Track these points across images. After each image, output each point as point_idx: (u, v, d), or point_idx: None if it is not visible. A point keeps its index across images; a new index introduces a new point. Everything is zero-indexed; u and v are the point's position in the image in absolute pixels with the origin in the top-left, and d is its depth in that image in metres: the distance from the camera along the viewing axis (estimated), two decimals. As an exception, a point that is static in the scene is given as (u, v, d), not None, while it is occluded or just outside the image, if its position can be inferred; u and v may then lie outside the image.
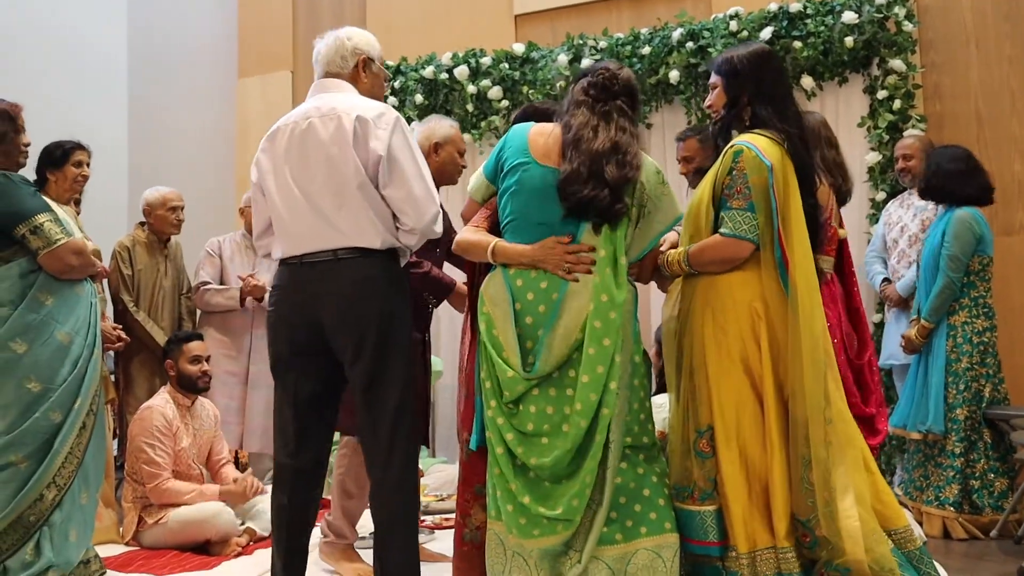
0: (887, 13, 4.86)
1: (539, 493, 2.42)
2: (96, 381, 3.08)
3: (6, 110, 3.08)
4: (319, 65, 2.84)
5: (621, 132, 2.50)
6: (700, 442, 2.53)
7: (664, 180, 2.56)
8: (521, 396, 2.46)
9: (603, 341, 2.38)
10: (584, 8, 5.94)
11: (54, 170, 3.92)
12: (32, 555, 2.88)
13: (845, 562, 2.39)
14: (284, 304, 2.69)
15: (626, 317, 2.43)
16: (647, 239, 2.58)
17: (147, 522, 3.87)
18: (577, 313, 2.42)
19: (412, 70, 6.05)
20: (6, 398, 2.88)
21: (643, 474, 2.45)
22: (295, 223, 2.66)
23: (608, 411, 2.37)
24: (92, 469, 3.07)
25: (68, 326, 3.00)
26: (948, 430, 3.89)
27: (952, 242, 3.92)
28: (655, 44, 5.34)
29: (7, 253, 2.97)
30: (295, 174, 2.67)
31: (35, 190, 3.10)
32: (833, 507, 2.39)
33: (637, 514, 2.41)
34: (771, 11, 5.10)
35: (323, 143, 2.64)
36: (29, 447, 2.89)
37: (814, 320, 2.46)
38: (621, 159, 2.45)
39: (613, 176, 2.42)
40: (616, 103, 2.55)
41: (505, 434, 2.46)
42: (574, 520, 2.37)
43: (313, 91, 2.81)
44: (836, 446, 2.44)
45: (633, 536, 2.40)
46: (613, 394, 2.37)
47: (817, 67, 5.03)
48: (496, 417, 2.48)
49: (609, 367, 2.38)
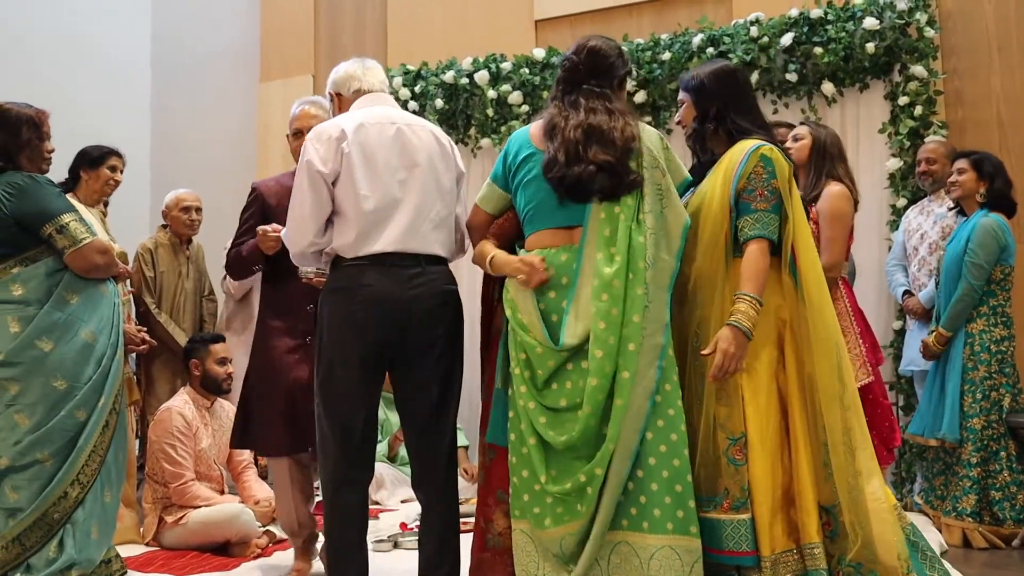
0: (909, 19, 4.83)
1: (563, 472, 2.43)
2: (119, 380, 3.12)
3: (32, 116, 3.11)
4: (371, 78, 2.89)
5: (592, 113, 2.52)
6: (732, 449, 2.51)
7: (668, 147, 2.59)
8: (553, 373, 2.46)
9: (611, 311, 2.40)
10: (604, 13, 5.94)
11: (89, 169, 4.00)
12: (55, 552, 2.91)
13: (857, 558, 2.43)
14: (370, 304, 2.62)
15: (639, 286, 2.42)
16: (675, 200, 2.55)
17: (167, 522, 3.91)
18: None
19: (432, 75, 6.07)
20: (33, 396, 2.92)
21: (679, 466, 2.41)
22: (385, 222, 2.65)
23: (629, 374, 2.37)
24: (115, 468, 3.10)
25: (92, 325, 3.04)
26: (964, 439, 3.85)
27: (977, 250, 3.89)
28: (675, 50, 5.34)
29: (34, 252, 3.01)
30: (391, 174, 2.68)
31: (60, 191, 3.15)
32: (859, 492, 2.43)
33: (667, 506, 2.38)
34: (792, 17, 5.08)
35: (420, 150, 2.74)
36: (54, 445, 2.93)
37: (823, 310, 2.54)
38: (604, 137, 2.48)
39: (599, 157, 2.45)
40: (583, 88, 2.58)
41: (537, 418, 2.45)
42: (595, 491, 2.36)
43: (371, 101, 2.83)
44: (857, 430, 2.47)
45: (658, 529, 2.37)
46: (634, 356, 2.37)
47: (838, 73, 5.01)
48: (528, 402, 2.47)
49: (621, 328, 2.39)
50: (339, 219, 2.67)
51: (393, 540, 3.84)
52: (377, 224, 2.64)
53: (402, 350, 2.67)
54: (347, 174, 2.64)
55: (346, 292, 2.64)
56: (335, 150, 2.65)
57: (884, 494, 2.46)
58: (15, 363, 2.92)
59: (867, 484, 2.43)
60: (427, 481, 2.78)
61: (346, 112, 2.81)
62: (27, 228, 2.97)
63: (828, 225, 3.44)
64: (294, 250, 2.74)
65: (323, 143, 2.66)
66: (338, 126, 2.68)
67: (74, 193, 3.96)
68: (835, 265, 3.43)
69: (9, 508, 2.90)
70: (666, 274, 2.46)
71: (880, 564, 2.41)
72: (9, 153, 3.06)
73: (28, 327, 2.94)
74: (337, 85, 2.91)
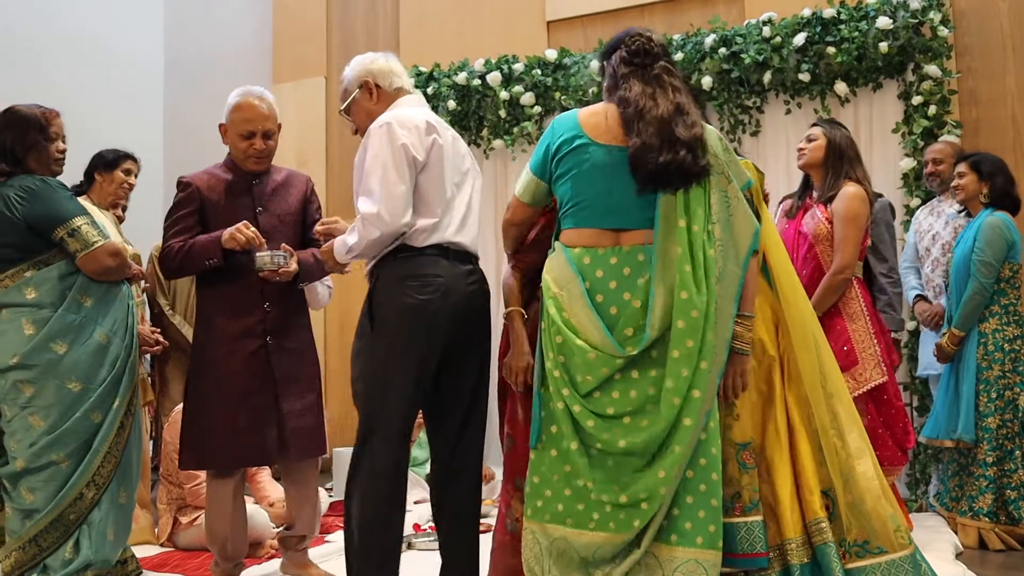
0: (922, 18, 4.81)
1: (619, 482, 2.35)
2: (134, 382, 3.13)
3: (37, 117, 3.09)
4: (407, 79, 2.91)
5: (677, 92, 2.43)
6: (743, 454, 2.54)
7: (728, 148, 2.47)
8: (607, 379, 2.36)
9: (691, 313, 2.28)
10: (616, 14, 5.94)
11: (103, 172, 4.01)
12: (71, 553, 2.93)
13: (860, 536, 2.51)
14: (442, 295, 2.63)
15: (712, 303, 2.33)
16: (743, 207, 2.44)
17: (182, 523, 3.93)
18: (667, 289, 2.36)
19: (445, 76, 6.08)
20: (48, 398, 2.94)
21: (716, 480, 2.35)
22: (448, 217, 2.70)
23: (700, 393, 2.29)
24: (130, 469, 3.11)
25: (106, 327, 3.05)
26: (979, 439, 3.84)
27: (985, 248, 3.88)
28: (688, 50, 5.33)
29: (46, 256, 3.02)
30: (453, 174, 2.75)
31: (72, 194, 3.15)
32: (850, 471, 2.52)
33: (700, 520, 2.33)
34: (804, 16, 5.07)
35: (467, 158, 2.85)
36: (70, 446, 2.94)
37: (797, 302, 2.64)
38: (687, 119, 2.38)
39: (685, 136, 2.35)
40: (661, 64, 2.48)
41: (585, 421, 2.36)
42: (652, 509, 2.30)
43: (419, 103, 2.87)
44: (843, 415, 2.57)
45: (687, 543, 2.32)
46: (705, 374, 2.29)
47: (851, 73, 4.99)
48: (572, 405, 2.37)
49: (701, 342, 2.30)
50: (419, 206, 2.66)
51: (407, 541, 3.85)
52: (444, 217, 2.68)
53: (455, 344, 2.69)
54: (435, 164, 2.68)
55: (417, 279, 2.62)
56: (425, 140, 2.67)
57: (875, 473, 2.55)
58: (30, 365, 2.93)
59: (857, 464, 2.54)
60: (458, 479, 2.77)
61: (395, 107, 2.80)
62: (39, 232, 2.98)
63: (843, 226, 3.43)
64: (389, 229, 2.58)
65: (411, 131, 2.65)
66: (420, 118, 2.69)
67: (88, 196, 3.98)
68: (848, 265, 3.42)
69: (26, 509, 2.92)
70: (733, 286, 2.38)
71: (880, 537, 2.50)
72: (16, 155, 3.05)
73: (42, 330, 2.95)
74: (376, 76, 2.85)
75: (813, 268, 3.50)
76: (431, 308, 2.61)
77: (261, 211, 3.13)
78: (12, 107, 3.11)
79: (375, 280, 2.70)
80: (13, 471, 2.93)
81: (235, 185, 3.16)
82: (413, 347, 2.60)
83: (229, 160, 3.22)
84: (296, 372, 3.12)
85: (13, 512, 2.94)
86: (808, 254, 3.53)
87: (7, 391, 2.96)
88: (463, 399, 2.76)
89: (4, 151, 3.05)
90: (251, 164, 3.19)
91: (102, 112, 5.37)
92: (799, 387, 2.60)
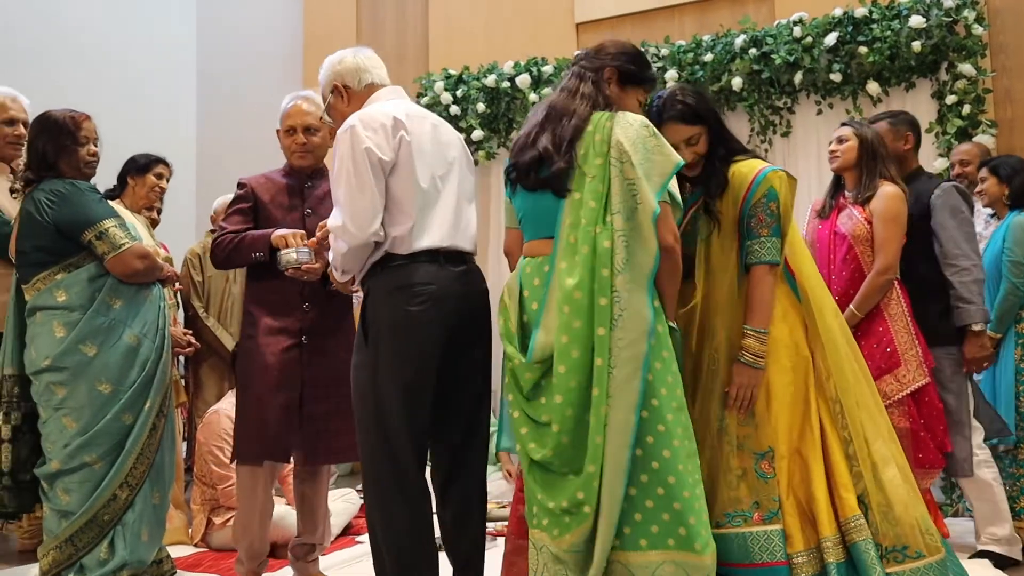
0: (956, 16, 4.76)
1: (553, 488, 2.32)
2: (165, 383, 3.16)
3: (66, 121, 3.12)
4: (381, 72, 2.86)
5: (562, 94, 2.45)
6: (761, 464, 2.54)
7: (654, 132, 2.35)
8: (534, 386, 2.35)
9: (573, 324, 2.25)
10: (646, 16, 5.93)
11: (136, 176, 4.07)
12: (107, 553, 2.97)
13: (895, 542, 2.51)
14: (433, 303, 2.55)
15: (602, 296, 2.25)
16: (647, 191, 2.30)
17: (215, 524, 3.96)
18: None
19: (474, 79, 6.10)
20: (79, 400, 2.97)
21: (673, 484, 2.25)
22: (432, 217, 2.62)
23: (598, 391, 2.22)
24: (163, 470, 3.14)
25: (136, 329, 3.08)
26: (1020, 439, 3.80)
27: (1014, 248, 3.84)
28: (718, 51, 5.31)
29: (76, 259, 3.05)
30: (434, 168, 2.66)
31: (101, 197, 3.17)
32: (879, 479, 2.54)
33: (665, 523, 2.25)
34: (836, 16, 5.03)
35: (452, 147, 2.75)
36: (102, 448, 2.98)
37: (825, 313, 2.64)
38: (555, 125, 2.38)
39: (542, 145, 2.37)
40: (571, 70, 2.51)
41: (520, 428, 2.36)
42: (580, 513, 2.25)
43: (394, 94, 2.80)
44: (868, 423, 2.59)
45: (659, 545, 2.25)
46: (601, 371, 2.22)
47: (883, 72, 4.95)
48: (513, 411, 2.39)
49: (584, 348, 2.25)
50: (394, 210, 2.59)
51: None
52: (426, 218, 2.61)
53: (454, 348, 2.64)
54: (405, 164, 2.58)
55: (407, 291, 2.55)
56: (392, 138, 2.57)
57: (902, 478, 2.57)
58: (61, 367, 2.97)
59: (884, 471, 2.55)
60: (464, 483, 2.73)
61: (368, 104, 2.75)
62: (68, 235, 3.01)
63: (883, 226, 3.40)
64: (356, 241, 2.54)
65: (376, 131, 2.56)
66: (387, 114, 2.60)
67: (121, 200, 4.03)
68: (890, 266, 3.38)
69: (62, 510, 2.96)
70: (644, 275, 2.26)
71: (914, 541, 2.51)
72: (48, 159, 3.10)
73: (73, 332, 2.98)
74: (343, 77, 2.80)
75: (853, 270, 3.47)
76: (424, 319, 2.54)
77: (310, 213, 3.15)
78: (45, 113, 3.15)
79: (367, 292, 2.65)
80: (49, 472, 2.97)
81: (288, 187, 3.22)
82: (408, 360, 2.55)
83: (286, 164, 3.29)
84: (327, 375, 3.09)
85: (50, 512, 2.99)
86: (848, 255, 3.49)
87: (41, 393, 3.01)
88: (465, 401, 2.72)
89: (38, 156, 3.10)
90: (296, 159, 3.21)
91: (135, 117, 5.44)
92: (828, 392, 2.61)
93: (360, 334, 2.63)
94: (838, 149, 3.56)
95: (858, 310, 3.39)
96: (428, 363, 2.57)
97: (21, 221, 3.07)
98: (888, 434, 2.65)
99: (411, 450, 2.57)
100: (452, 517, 2.73)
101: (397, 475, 2.56)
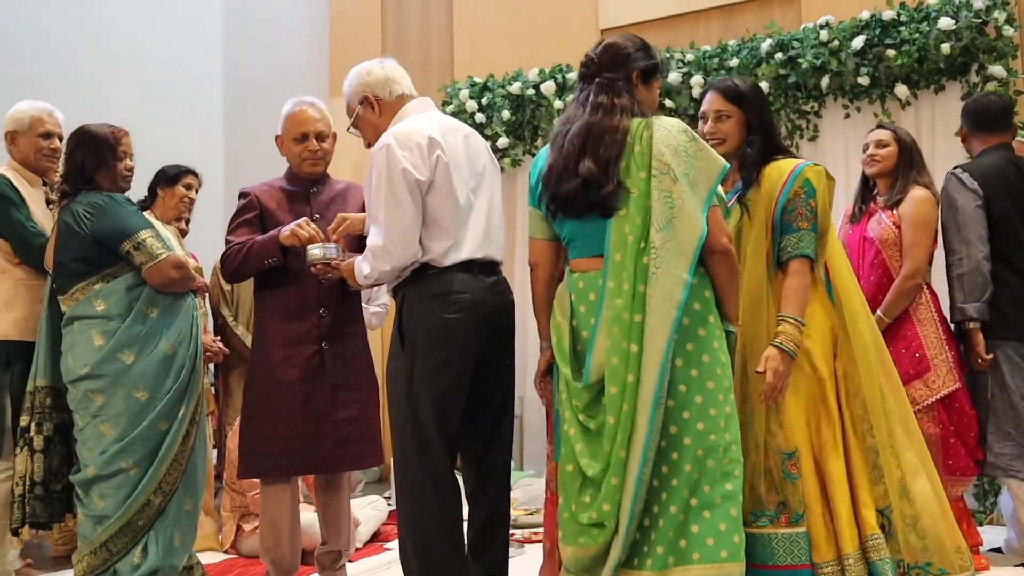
0: (986, 18, 4.70)
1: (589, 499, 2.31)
2: (198, 391, 3.20)
3: (107, 136, 3.18)
4: (407, 82, 2.86)
5: (596, 113, 2.35)
6: (788, 464, 2.52)
7: (693, 136, 2.33)
8: (587, 406, 2.34)
9: (622, 345, 2.25)
10: (671, 21, 5.91)
11: (165, 187, 4.11)
12: (140, 558, 3.00)
13: (921, 558, 2.49)
14: (469, 311, 2.60)
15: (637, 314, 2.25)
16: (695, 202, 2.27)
17: (245, 530, 3.99)
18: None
19: (499, 86, 6.11)
20: (117, 407, 3.01)
21: (709, 492, 2.23)
22: (466, 229, 2.65)
23: (628, 407, 2.23)
24: (195, 477, 3.18)
25: (172, 338, 3.12)
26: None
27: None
28: (743, 56, 5.29)
29: (114, 269, 3.10)
30: (468, 181, 2.69)
31: (137, 209, 3.25)
32: (906, 490, 2.52)
33: (694, 536, 2.21)
34: (863, 19, 4.99)
35: (481, 156, 2.77)
36: (138, 454, 3.01)
37: (858, 320, 2.61)
38: (596, 146, 2.31)
39: (585, 169, 2.30)
40: (596, 82, 2.41)
41: (575, 444, 2.34)
42: (607, 526, 2.24)
43: (424, 106, 2.82)
44: (900, 433, 2.57)
45: (685, 560, 2.22)
46: (632, 388, 2.23)
47: (912, 75, 4.90)
48: (569, 427, 2.37)
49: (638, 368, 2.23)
50: (433, 227, 2.62)
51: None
52: (463, 232, 2.64)
53: (485, 358, 2.67)
54: (442, 183, 2.61)
55: (443, 300, 2.59)
56: (428, 158, 2.60)
57: (933, 491, 2.54)
58: (99, 375, 3.01)
59: (914, 483, 2.54)
60: (489, 491, 2.77)
61: (399, 117, 2.77)
62: (106, 245, 3.07)
63: (912, 230, 3.37)
64: (395, 263, 2.60)
65: (412, 151, 2.59)
66: (422, 133, 2.62)
67: (152, 210, 4.07)
68: (918, 271, 3.36)
69: (97, 515, 2.99)
70: (676, 290, 2.23)
71: (940, 558, 2.48)
72: (87, 173, 3.16)
73: (111, 340, 3.02)
74: (374, 88, 2.81)
75: (881, 274, 3.45)
76: (459, 327, 2.59)
77: (319, 218, 3.13)
78: (83, 127, 3.21)
79: (401, 300, 2.68)
80: (85, 478, 3.00)
81: (293, 194, 3.19)
82: (444, 366, 2.58)
83: (288, 172, 3.26)
84: (351, 379, 3.10)
85: (85, 518, 3.02)
86: (875, 260, 3.47)
87: (79, 400, 3.04)
88: (491, 409, 2.74)
89: (76, 169, 3.15)
90: (307, 167, 3.17)
91: (164, 130, 5.49)
92: (857, 404, 2.58)
93: (396, 341, 2.66)
94: (878, 154, 3.53)
95: (885, 315, 3.36)
96: (463, 371, 2.60)
97: (59, 233, 3.12)
98: (919, 446, 2.62)
99: (445, 455, 2.60)
100: (479, 524, 2.75)
101: (431, 480, 2.58)
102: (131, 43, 5.93)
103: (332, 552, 3.24)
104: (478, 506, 2.78)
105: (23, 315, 3.36)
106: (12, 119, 3.51)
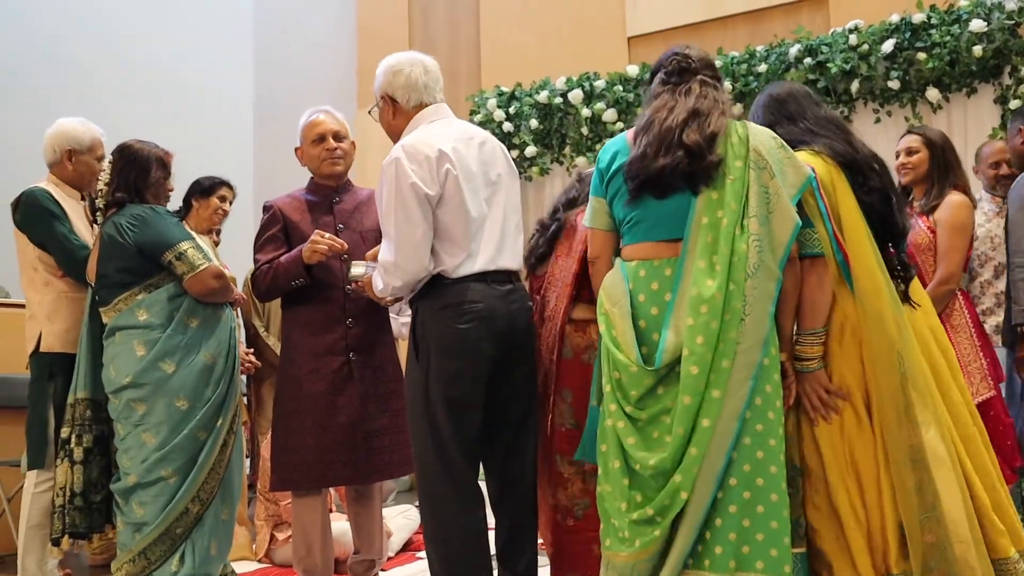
0: (1019, 19, 4.66)
1: (645, 493, 2.25)
2: (235, 401, 3.22)
3: (161, 156, 3.28)
4: (430, 93, 2.83)
5: (702, 99, 2.35)
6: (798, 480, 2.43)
7: (783, 145, 2.33)
8: (647, 392, 2.27)
9: (711, 324, 2.18)
10: (698, 27, 5.91)
11: (200, 198, 4.17)
12: (177, 566, 3.02)
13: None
14: (482, 321, 2.61)
15: (738, 299, 2.21)
16: (788, 199, 2.28)
17: (278, 540, 4.01)
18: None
19: (527, 95, 6.13)
20: (158, 416, 3.04)
21: (777, 501, 2.19)
22: (480, 240, 2.66)
23: (719, 393, 2.16)
24: (232, 486, 3.20)
25: (211, 348, 3.15)
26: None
27: None
28: (772, 61, 5.27)
29: (156, 279, 3.14)
30: (480, 191, 2.68)
31: (177, 220, 3.30)
32: (939, 511, 2.25)
33: (759, 544, 2.18)
34: (892, 23, 4.96)
35: (496, 164, 2.76)
36: (177, 462, 3.03)
37: (883, 319, 2.32)
38: (703, 121, 2.29)
39: (690, 140, 2.26)
40: (697, 78, 2.41)
41: (626, 439, 2.28)
42: (668, 517, 2.18)
43: (439, 114, 2.82)
44: (929, 450, 2.28)
45: (747, 567, 2.18)
46: (725, 374, 2.17)
47: (943, 78, 4.86)
48: (617, 422, 2.29)
49: (715, 351, 2.18)
50: (446, 241, 2.63)
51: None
52: (476, 244, 2.65)
53: (501, 366, 2.67)
54: (453, 196, 2.61)
55: (455, 309, 2.60)
56: (437, 172, 2.60)
57: (966, 516, 2.27)
58: (141, 384, 3.04)
59: (945, 502, 2.26)
60: (513, 499, 2.76)
61: (413, 126, 2.78)
62: (148, 256, 3.11)
63: (947, 235, 3.33)
64: (406, 278, 2.62)
65: (420, 165, 2.59)
66: (432, 146, 2.62)
67: (186, 221, 4.12)
68: (952, 276, 3.32)
69: (136, 523, 3.02)
70: (770, 284, 2.23)
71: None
72: (138, 188, 3.21)
73: (153, 350, 3.06)
74: (395, 89, 2.81)
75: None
76: (472, 336, 2.59)
77: (342, 228, 3.14)
78: (129, 145, 3.26)
79: (416, 311, 2.70)
80: (126, 486, 3.03)
81: (316, 204, 3.19)
82: (457, 375, 2.59)
83: (311, 183, 3.27)
84: (380, 389, 3.11)
85: (125, 526, 3.05)
86: (909, 265, 3.43)
87: (121, 410, 3.07)
88: (511, 416, 2.74)
89: (127, 184, 3.20)
90: (327, 167, 3.17)
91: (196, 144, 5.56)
92: (879, 414, 2.32)
93: (412, 351, 2.69)
94: (908, 162, 3.48)
95: None
96: (478, 379, 2.61)
97: (102, 244, 3.16)
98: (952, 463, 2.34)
99: (464, 463, 2.62)
100: (505, 533, 2.76)
101: (450, 487, 2.60)
102: (158, 60, 6.03)
103: (365, 561, 3.26)
104: (503, 515, 2.77)
105: (66, 327, 3.40)
106: (70, 137, 3.53)
